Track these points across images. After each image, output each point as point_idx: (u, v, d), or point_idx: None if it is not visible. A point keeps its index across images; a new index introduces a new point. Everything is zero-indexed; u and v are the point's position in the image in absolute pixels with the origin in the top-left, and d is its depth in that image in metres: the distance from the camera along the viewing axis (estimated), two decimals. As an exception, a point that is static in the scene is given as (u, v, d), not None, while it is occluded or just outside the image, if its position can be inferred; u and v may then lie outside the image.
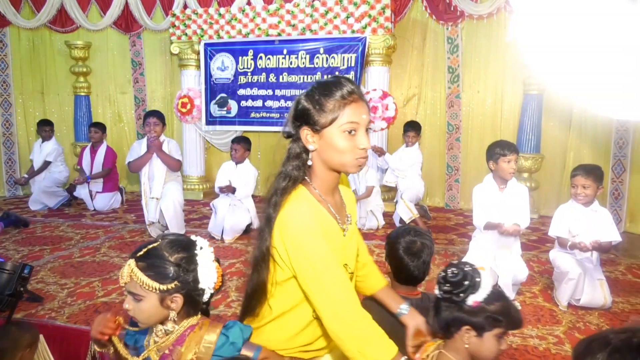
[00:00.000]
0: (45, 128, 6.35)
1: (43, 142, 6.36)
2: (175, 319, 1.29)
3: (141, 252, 1.27)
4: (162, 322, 1.31)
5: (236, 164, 4.83)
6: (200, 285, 1.30)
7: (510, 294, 3.14)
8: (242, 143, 4.84)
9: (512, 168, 3.19)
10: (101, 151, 6.13)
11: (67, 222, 5.31)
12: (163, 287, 1.24)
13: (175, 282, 1.26)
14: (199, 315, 1.36)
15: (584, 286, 3.03)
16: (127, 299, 1.29)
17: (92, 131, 6.14)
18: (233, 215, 4.65)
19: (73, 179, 6.33)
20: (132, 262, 1.26)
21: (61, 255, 4.08)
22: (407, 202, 5.04)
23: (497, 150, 3.21)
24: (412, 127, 5.38)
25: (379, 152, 5.42)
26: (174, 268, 1.26)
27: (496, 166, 3.22)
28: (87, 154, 6.16)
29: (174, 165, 4.73)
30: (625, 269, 3.86)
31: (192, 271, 1.28)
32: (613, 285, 3.43)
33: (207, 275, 1.31)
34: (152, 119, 4.60)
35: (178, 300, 1.28)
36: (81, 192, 6.05)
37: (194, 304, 1.33)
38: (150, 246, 1.28)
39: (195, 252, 1.31)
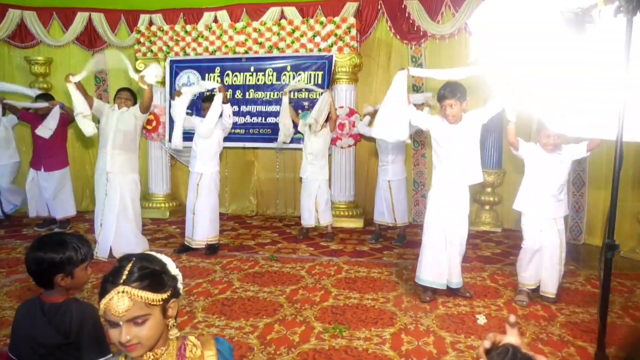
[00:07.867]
0: None
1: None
2: (175, 324, 1.31)
3: (123, 275, 1.21)
4: (158, 340, 1.27)
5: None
6: (178, 286, 1.34)
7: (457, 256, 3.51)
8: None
9: (450, 112, 3.46)
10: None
11: (24, 244, 5.11)
12: (165, 295, 1.25)
13: (171, 287, 1.28)
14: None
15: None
16: (124, 330, 1.19)
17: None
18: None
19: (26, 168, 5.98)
20: (122, 287, 1.19)
21: (18, 279, 3.92)
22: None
23: (440, 92, 3.50)
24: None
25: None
26: (164, 275, 1.28)
27: (442, 110, 3.50)
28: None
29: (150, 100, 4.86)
30: (585, 280, 3.99)
31: (172, 275, 1.32)
32: (573, 296, 3.58)
33: (178, 275, 1.35)
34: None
35: (174, 305, 1.29)
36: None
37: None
38: (128, 267, 1.23)
39: (159, 258, 1.35)
